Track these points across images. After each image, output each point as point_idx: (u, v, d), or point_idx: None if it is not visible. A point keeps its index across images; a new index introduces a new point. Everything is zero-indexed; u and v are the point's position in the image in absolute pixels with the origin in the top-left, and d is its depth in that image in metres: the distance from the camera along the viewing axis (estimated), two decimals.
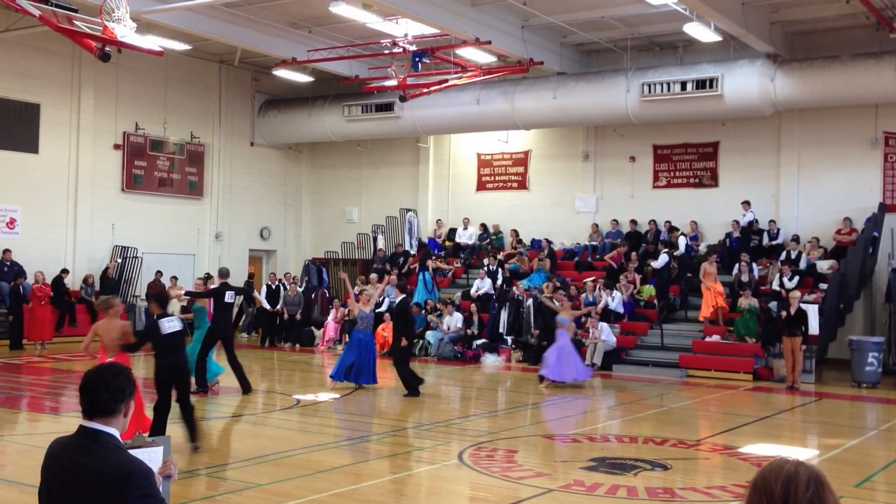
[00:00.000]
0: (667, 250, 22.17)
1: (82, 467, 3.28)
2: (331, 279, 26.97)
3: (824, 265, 20.53)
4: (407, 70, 20.61)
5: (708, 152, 23.75)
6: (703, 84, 21.20)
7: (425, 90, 21.14)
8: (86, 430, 3.36)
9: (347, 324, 22.66)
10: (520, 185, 26.49)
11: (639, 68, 22.49)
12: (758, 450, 11.06)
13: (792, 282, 19.75)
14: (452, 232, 26.90)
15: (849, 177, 21.79)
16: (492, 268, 23.54)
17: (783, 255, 21.11)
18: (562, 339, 16.54)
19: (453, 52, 21.03)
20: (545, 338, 20.29)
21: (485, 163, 27.11)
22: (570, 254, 24.74)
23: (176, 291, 24.04)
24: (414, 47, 20.30)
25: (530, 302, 21.27)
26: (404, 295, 15.62)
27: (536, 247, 24.80)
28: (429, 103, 23.50)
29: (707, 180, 23.70)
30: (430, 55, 20.56)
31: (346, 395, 15.15)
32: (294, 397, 14.98)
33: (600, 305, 20.87)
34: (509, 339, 21.43)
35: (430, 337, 21.86)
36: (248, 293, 23.59)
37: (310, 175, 30.18)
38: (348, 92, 26.10)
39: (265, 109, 28.54)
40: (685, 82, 21.43)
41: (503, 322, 21.77)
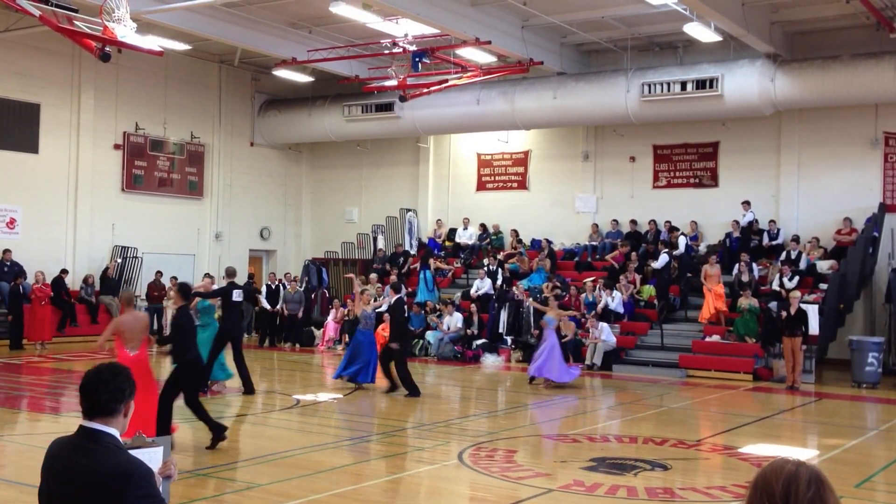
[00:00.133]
0: (667, 250, 22.17)
1: (82, 467, 3.28)
2: (331, 279, 26.97)
3: (824, 265, 20.53)
4: (407, 70, 20.60)
5: (708, 152, 23.75)
6: (703, 84, 21.20)
7: (425, 90, 21.13)
8: (86, 431, 3.36)
9: (347, 324, 22.66)
10: (520, 185, 26.49)
11: (639, 68, 22.49)
12: (758, 450, 11.06)
13: (792, 282, 19.75)
14: (452, 232, 26.89)
15: (849, 177, 21.79)
16: (492, 268, 23.54)
17: (783, 255, 21.11)
18: (550, 338, 16.53)
19: (453, 52, 21.03)
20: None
21: (485, 163, 27.12)
22: (570, 254, 24.74)
23: (173, 294, 24.17)
24: (414, 47, 20.30)
25: (530, 302, 21.26)
26: (399, 295, 15.62)
27: (536, 247, 24.79)
28: (429, 103, 23.49)
29: (707, 180, 23.69)
30: (430, 55, 20.56)
31: (346, 394, 15.15)
32: (294, 397, 14.99)
33: (600, 306, 20.88)
34: (509, 340, 21.44)
35: (430, 337, 21.87)
36: (253, 293, 23.56)
37: (310, 175, 30.17)
38: (348, 92, 26.10)
39: (265, 109, 28.54)
40: (685, 82, 21.43)
41: (503, 322, 21.78)
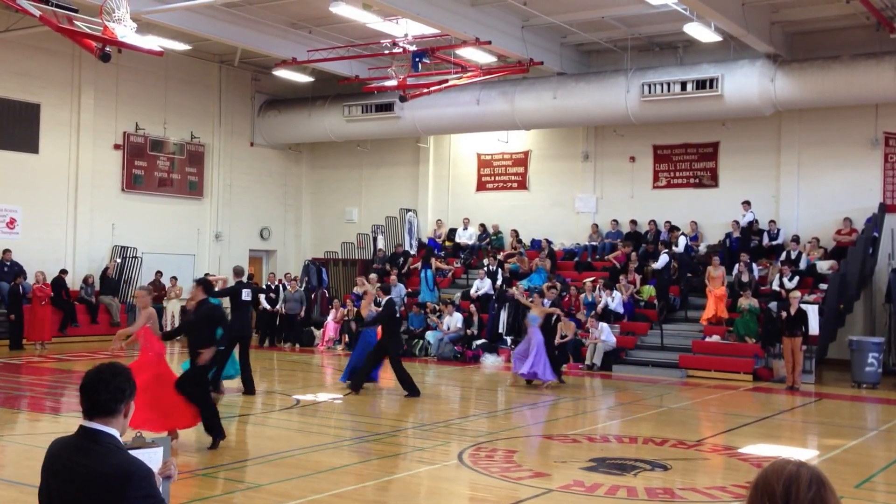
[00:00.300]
0: (667, 251, 22.16)
1: (82, 467, 3.28)
2: (330, 279, 26.97)
3: (824, 265, 20.53)
4: (407, 70, 20.60)
5: (708, 152, 23.75)
6: (703, 84, 21.20)
7: (425, 90, 21.13)
8: (86, 431, 3.36)
9: (347, 324, 22.67)
10: (520, 185, 26.48)
11: (639, 68, 22.49)
12: (758, 450, 11.06)
13: (792, 282, 19.75)
14: (452, 232, 26.89)
15: (849, 177, 21.79)
16: (491, 268, 23.53)
17: (783, 255, 21.11)
18: (536, 335, 16.51)
19: (453, 53, 21.03)
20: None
21: (485, 163, 27.11)
22: (570, 254, 24.74)
23: (175, 292, 24.17)
24: (414, 47, 20.30)
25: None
26: (389, 296, 15.66)
27: (536, 247, 24.79)
28: (429, 103, 23.49)
29: (707, 180, 23.69)
30: (430, 55, 20.56)
31: (346, 394, 15.13)
32: (294, 397, 14.98)
33: (600, 306, 20.88)
34: (509, 340, 21.43)
35: (429, 337, 21.87)
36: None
37: (310, 175, 30.17)
38: (348, 92, 26.10)
39: (265, 109, 28.53)
40: (685, 82, 21.43)
41: (503, 322, 21.79)
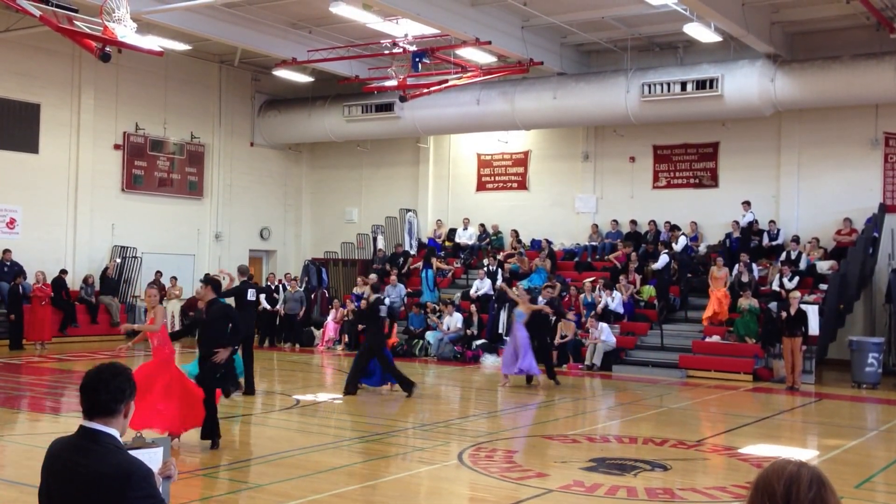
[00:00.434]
0: (667, 251, 22.16)
1: (82, 467, 3.28)
2: (330, 279, 26.96)
3: (824, 266, 20.53)
4: (407, 70, 20.60)
5: (708, 153, 23.74)
6: (703, 84, 21.20)
7: (425, 90, 21.12)
8: (86, 431, 3.36)
9: (347, 324, 22.67)
10: (520, 185, 26.48)
11: (639, 68, 22.49)
12: (758, 450, 11.06)
13: (792, 282, 19.75)
14: (452, 232, 26.88)
15: (849, 177, 21.78)
16: (491, 268, 23.52)
17: (783, 255, 21.11)
18: (521, 332, 16.52)
19: (453, 53, 21.02)
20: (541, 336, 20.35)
21: (485, 163, 27.11)
22: (570, 254, 24.73)
23: (175, 292, 24.17)
24: (414, 47, 20.30)
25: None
26: (378, 295, 15.71)
27: (536, 247, 24.78)
28: (429, 103, 23.49)
29: (707, 181, 23.69)
30: (430, 55, 20.56)
31: (350, 393, 15.10)
32: (294, 397, 14.97)
33: (600, 306, 20.88)
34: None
35: (429, 337, 21.87)
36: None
37: (310, 175, 30.17)
38: (348, 92, 26.10)
39: (265, 109, 28.53)
40: (685, 83, 21.42)
41: (502, 322, 21.76)
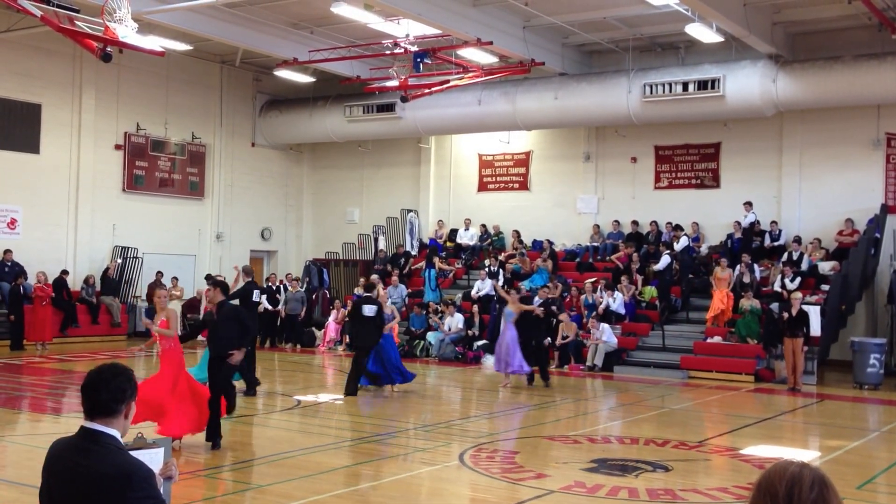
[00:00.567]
0: (668, 251, 22.14)
1: (83, 468, 3.27)
2: (332, 280, 26.96)
3: (826, 266, 20.51)
4: (408, 70, 20.58)
5: (709, 153, 23.73)
6: (704, 85, 21.18)
7: (427, 91, 21.11)
8: (87, 431, 3.35)
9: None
10: (521, 185, 26.47)
11: (640, 69, 22.48)
12: (759, 451, 11.05)
13: (793, 283, 19.73)
14: (453, 233, 26.87)
15: (851, 178, 21.77)
16: (493, 269, 23.51)
17: (785, 256, 21.10)
18: (510, 331, 16.59)
19: (455, 53, 21.02)
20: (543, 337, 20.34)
21: (486, 163, 27.10)
22: (572, 255, 24.72)
23: (175, 293, 24.15)
24: (415, 48, 20.28)
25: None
26: (369, 294, 15.77)
27: (538, 248, 24.77)
28: (430, 104, 23.48)
29: (709, 181, 23.67)
30: (432, 56, 20.54)
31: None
32: (295, 398, 14.96)
33: (601, 307, 20.86)
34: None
35: (431, 338, 21.86)
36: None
37: (311, 175, 30.16)
38: (350, 92, 26.10)
39: (266, 110, 28.53)
40: (687, 83, 21.41)
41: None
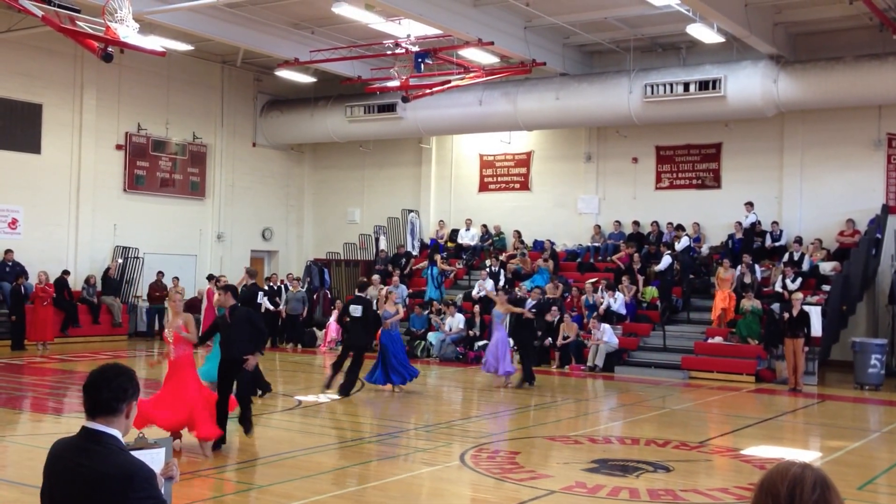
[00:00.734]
0: (669, 252, 22.13)
1: (84, 468, 3.27)
2: (332, 280, 26.95)
3: (827, 267, 20.50)
4: (409, 71, 20.58)
5: (711, 153, 23.72)
6: (705, 85, 21.17)
7: (428, 91, 21.11)
8: (88, 431, 3.35)
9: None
10: (522, 186, 26.46)
11: (642, 69, 22.47)
12: (760, 452, 11.05)
13: (794, 283, 19.72)
14: (454, 233, 26.87)
15: (852, 178, 21.75)
16: (494, 269, 23.49)
17: (786, 256, 21.09)
18: (497, 332, 16.67)
19: (456, 53, 21.01)
20: (544, 338, 20.37)
21: (487, 164, 27.09)
22: (573, 255, 24.71)
23: (178, 292, 24.14)
24: (416, 48, 20.29)
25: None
26: (360, 293, 15.79)
27: (539, 248, 24.76)
28: (431, 104, 23.49)
29: (710, 181, 23.66)
30: (433, 56, 20.55)
31: (352, 394, 15.09)
32: (296, 398, 14.96)
33: (602, 307, 20.84)
34: (511, 341, 21.36)
35: (432, 338, 21.86)
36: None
37: (312, 176, 30.16)
38: (351, 92, 26.10)
39: (267, 110, 28.53)
40: (688, 83, 21.40)
41: (505, 323, 21.71)
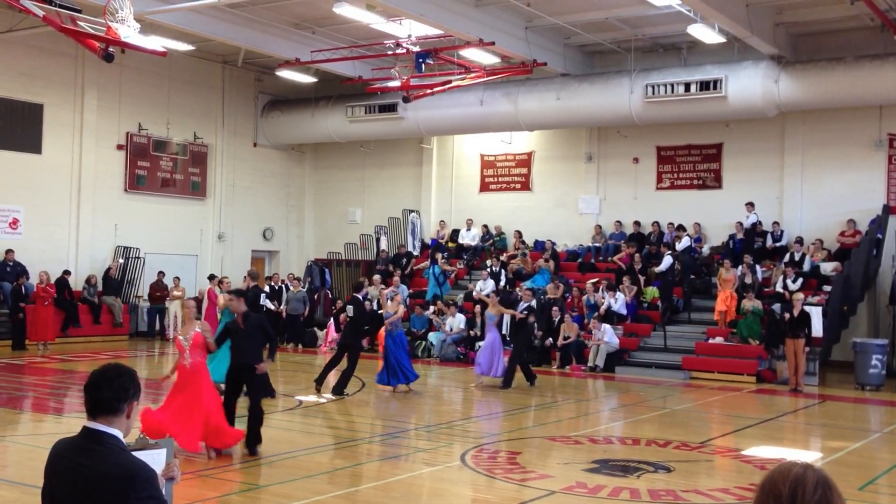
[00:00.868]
0: (670, 252, 22.12)
1: (85, 468, 3.27)
2: (333, 280, 26.96)
3: (828, 267, 20.49)
4: (410, 71, 20.58)
5: (711, 154, 23.71)
6: (706, 85, 21.17)
7: (429, 91, 21.12)
8: (89, 431, 3.35)
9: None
10: (523, 186, 26.45)
11: (642, 69, 22.46)
12: (761, 452, 11.05)
13: (795, 284, 19.72)
14: (455, 233, 26.86)
15: (853, 178, 21.75)
16: (494, 269, 23.49)
17: (787, 256, 21.08)
18: (490, 334, 16.76)
19: (457, 53, 21.01)
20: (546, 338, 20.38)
21: (488, 164, 27.09)
22: (574, 255, 24.71)
23: (177, 293, 24.13)
24: (417, 48, 20.29)
25: (533, 303, 21.22)
26: (357, 294, 15.80)
27: (539, 248, 24.75)
28: (432, 104, 23.49)
29: (710, 182, 23.65)
30: (434, 56, 20.55)
31: (348, 395, 15.11)
32: (296, 398, 14.96)
33: (603, 307, 20.84)
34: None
35: (432, 338, 21.86)
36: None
37: (313, 176, 30.16)
38: (352, 93, 26.10)
39: (268, 110, 28.53)
40: (689, 83, 21.39)
41: (505, 324, 21.69)
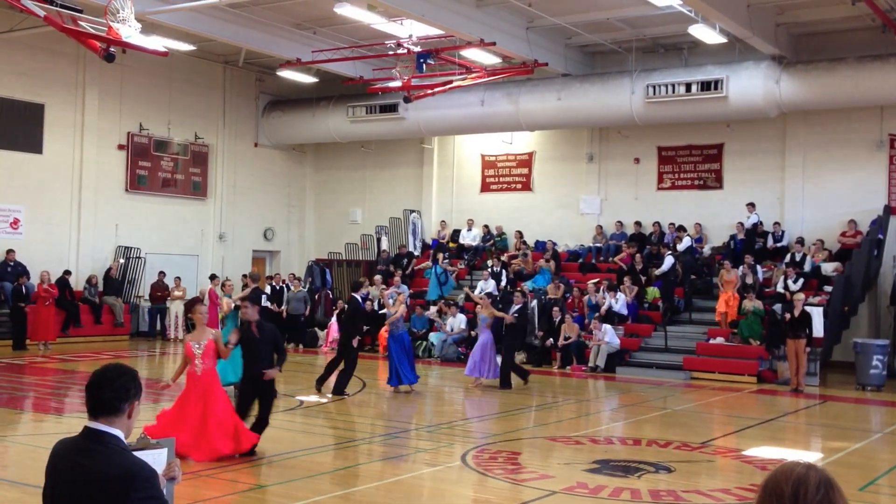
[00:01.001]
0: (671, 252, 22.11)
1: (86, 468, 3.27)
2: (334, 280, 26.96)
3: (829, 267, 20.48)
4: (411, 71, 20.58)
5: (712, 154, 23.70)
6: (707, 86, 21.16)
7: (430, 91, 21.12)
8: (90, 431, 3.35)
9: None
10: (524, 186, 26.45)
11: (643, 70, 22.46)
12: (762, 452, 11.04)
13: (796, 284, 19.71)
14: (456, 233, 26.86)
15: (854, 179, 21.74)
16: (495, 269, 23.49)
17: (788, 257, 21.08)
18: (483, 335, 16.88)
19: (458, 54, 21.02)
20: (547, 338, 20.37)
21: (489, 164, 27.09)
22: (575, 255, 24.70)
23: (178, 293, 24.13)
24: (418, 48, 20.29)
25: (534, 303, 21.22)
26: (355, 294, 15.81)
27: (540, 248, 24.75)
28: (433, 104, 23.48)
29: (711, 182, 23.65)
30: (435, 56, 20.54)
31: (349, 395, 15.10)
32: (297, 398, 14.96)
33: (604, 308, 20.83)
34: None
35: (433, 338, 21.85)
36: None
37: (314, 176, 30.17)
38: (353, 93, 26.10)
39: (269, 110, 28.53)
40: (690, 84, 21.39)
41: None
